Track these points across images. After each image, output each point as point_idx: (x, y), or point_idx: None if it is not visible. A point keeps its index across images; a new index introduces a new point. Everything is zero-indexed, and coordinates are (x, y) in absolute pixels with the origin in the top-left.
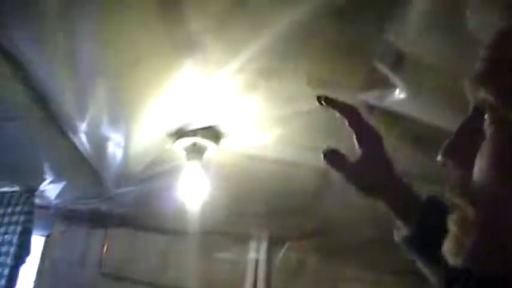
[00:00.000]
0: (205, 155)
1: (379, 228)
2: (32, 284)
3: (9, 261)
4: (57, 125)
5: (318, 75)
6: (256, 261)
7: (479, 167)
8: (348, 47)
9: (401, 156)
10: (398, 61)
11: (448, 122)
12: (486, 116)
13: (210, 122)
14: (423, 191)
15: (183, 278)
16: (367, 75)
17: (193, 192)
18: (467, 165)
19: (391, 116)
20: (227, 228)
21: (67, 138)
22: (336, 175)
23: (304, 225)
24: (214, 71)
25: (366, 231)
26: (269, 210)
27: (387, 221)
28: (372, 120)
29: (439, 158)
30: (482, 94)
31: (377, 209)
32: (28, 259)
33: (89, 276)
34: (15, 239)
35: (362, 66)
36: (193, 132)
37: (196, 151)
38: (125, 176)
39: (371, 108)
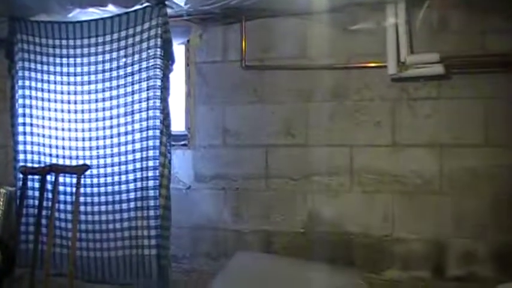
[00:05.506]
0: None
1: None
2: (184, 89)
3: (158, 72)
4: None
5: None
6: (396, 26)
7: None
8: None
9: None
10: None
11: None
12: None
13: None
14: None
15: (324, 56)
16: None
17: None
18: None
19: None
20: None
21: None
22: None
23: None
24: None
25: None
26: None
27: None
28: None
29: None
30: None
31: None
32: (174, 67)
33: (233, 71)
34: (158, 51)
35: None
36: None
37: None
38: None
39: None
